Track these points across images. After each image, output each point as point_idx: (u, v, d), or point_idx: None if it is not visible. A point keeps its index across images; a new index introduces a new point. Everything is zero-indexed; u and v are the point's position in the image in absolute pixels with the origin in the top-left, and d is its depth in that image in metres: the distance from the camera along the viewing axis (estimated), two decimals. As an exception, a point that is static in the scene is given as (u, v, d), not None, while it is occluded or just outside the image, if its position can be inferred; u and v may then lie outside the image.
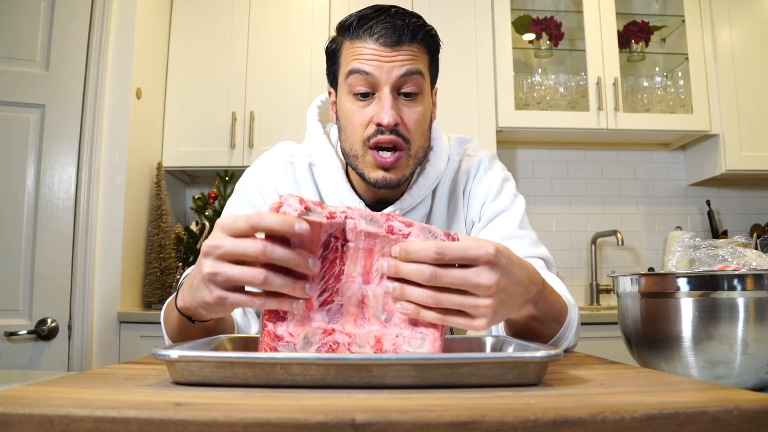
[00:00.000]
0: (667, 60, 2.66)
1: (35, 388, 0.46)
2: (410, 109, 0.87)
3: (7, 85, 1.93)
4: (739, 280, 0.65)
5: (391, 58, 0.84)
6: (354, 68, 0.85)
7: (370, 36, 0.85)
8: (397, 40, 0.84)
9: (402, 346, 0.57)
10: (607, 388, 0.48)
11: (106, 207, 2.03)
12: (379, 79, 0.85)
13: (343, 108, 0.90)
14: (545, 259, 0.96)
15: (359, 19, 0.86)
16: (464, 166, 1.03)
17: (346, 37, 0.88)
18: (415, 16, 0.88)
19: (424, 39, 0.88)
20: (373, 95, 0.87)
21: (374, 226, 0.56)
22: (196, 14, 2.42)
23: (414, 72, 0.86)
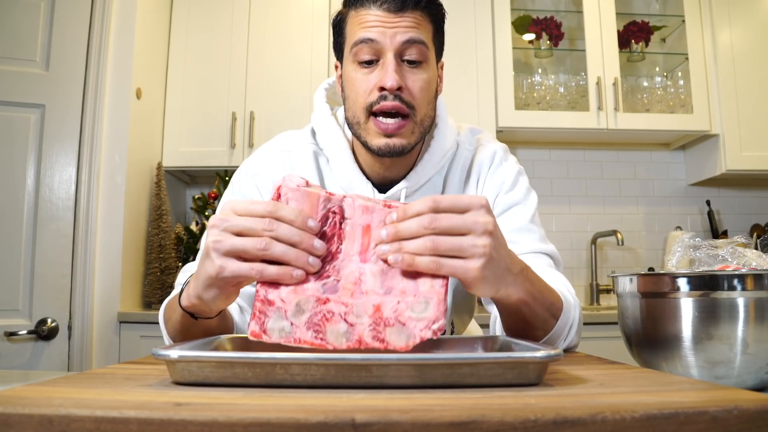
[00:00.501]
0: (667, 60, 2.66)
1: (35, 388, 0.46)
2: (414, 75, 0.87)
3: (7, 85, 1.93)
4: (739, 280, 0.65)
5: (394, 24, 0.85)
6: (359, 38, 0.86)
7: (374, 2, 0.85)
8: (401, 5, 0.84)
9: (404, 313, 0.54)
10: (607, 388, 0.48)
11: (106, 207, 2.03)
12: (383, 45, 0.85)
13: (348, 77, 0.90)
14: (552, 255, 0.96)
15: None
16: (479, 155, 1.02)
17: (351, 7, 0.89)
18: None
19: (427, 7, 0.87)
20: (377, 62, 0.87)
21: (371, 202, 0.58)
22: (196, 14, 2.42)
23: (417, 41, 0.86)
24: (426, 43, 0.87)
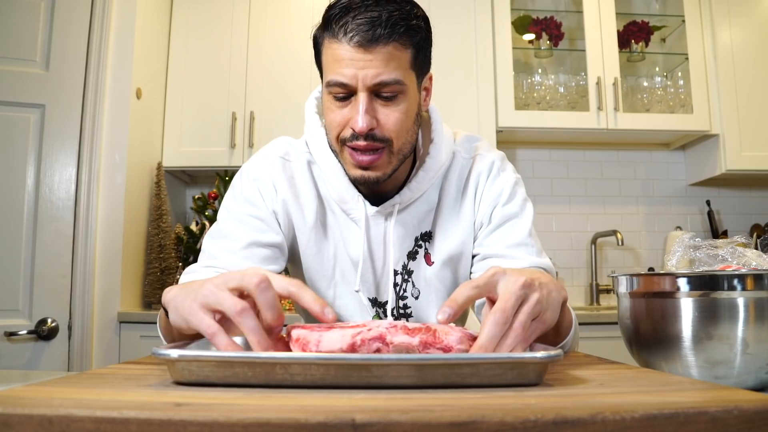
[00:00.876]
0: (667, 60, 2.66)
1: (35, 388, 0.46)
2: (388, 110, 0.84)
3: (7, 85, 1.93)
4: (739, 280, 0.65)
5: (366, 62, 0.81)
6: (331, 80, 0.84)
7: (345, 35, 0.81)
8: (371, 39, 0.80)
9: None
10: (607, 388, 0.48)
11: (106, 207, 2.03)
12: (354, 86, 0.82)
13: (325, 104, 0.89)
14: (547, 269, 0.96)
15: (339, 10, 0.82)
16: (476, 165, 1.00)
17: (325, 32, 0.85)
18: (400, 6, 0.82)
19: (405, 34, 0.82)
20: (351, 96, 0.84)
21: None
22: (196, 14, 2.42)
23: (389, 82, 0.82)
24: (400, 80, 0.83)
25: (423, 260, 0.98)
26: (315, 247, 0.98)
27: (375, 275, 0.99)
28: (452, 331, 0.56)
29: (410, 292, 0.99)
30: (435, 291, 0.99)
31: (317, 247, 0.98)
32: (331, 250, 0.99)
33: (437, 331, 0.55)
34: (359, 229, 0.96)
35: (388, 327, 0.55)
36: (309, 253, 0.99)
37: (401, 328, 0.55)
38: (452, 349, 0.54)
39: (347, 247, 0.98)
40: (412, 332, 0.54)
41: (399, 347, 0.54)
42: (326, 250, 0.99)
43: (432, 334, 0.54)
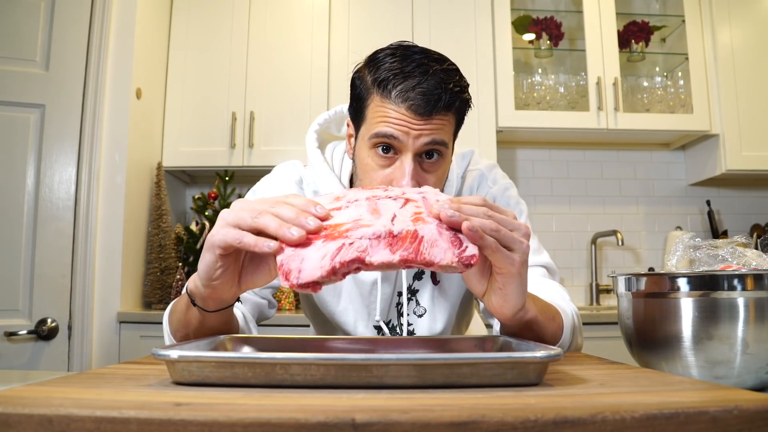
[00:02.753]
0: (667, 60, 2.66)
1: (35, 388, 0.46)
2: (430, 175, 0.86)
3: (7, 85, 1.93)
4: (739, 280, 0.65)
5: (419, 128, 0.82)
6: (381, 131, 0.83)
7: (403, 101, 0.81)
8: (432, 110, 0.81)
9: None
10: (607, 388, 0.48)
11: (106, 207, 2.03)
12: (404, 144, 0.83)
13: (363, 158, 0.88)
14: (547, 266, 0.97)
15: (394, 75, 0.82)
16: (467, 181, 1.04)
17: (376, 89, 0.84)
18: (453, 77, 0.83)
19: (458, 106, 0.85)
20: (395, 153, 0.85)
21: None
22: (197, 14, 2.42)
23: (439, 143, 0.84)
24: (447, 142, 0.85)
25: (429, 280, 1.01)
26: None
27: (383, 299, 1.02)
28: (439, 240, 0.56)
29: (413, 309, 1.01)
30: (442, 309, 1.02)
31: None
32: None
33: (421, 243, 0.55)
34: None
35: (371, 237, 0.55)
36: None
37: (385, 238, 0.55)
38: (433, 264, 0.55)
39: (355, 275, 1.00)
40: (393, 246, 0.55)
41: (380, 267, 0.55)
42: None
43: (414, 251, 0.55)
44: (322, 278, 0.54)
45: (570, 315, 0.84)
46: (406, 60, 0.82)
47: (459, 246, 0.57)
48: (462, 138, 1.12)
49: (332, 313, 1.03)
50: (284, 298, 2.27)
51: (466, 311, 1.12)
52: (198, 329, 0.73)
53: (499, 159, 2.49)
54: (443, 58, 0.85)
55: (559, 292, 0.92)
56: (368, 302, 1.01)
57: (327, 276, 0.53)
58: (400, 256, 0.54)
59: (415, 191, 0.64)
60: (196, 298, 0.69)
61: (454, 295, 1.02)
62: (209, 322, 0.72)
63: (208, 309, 0.69)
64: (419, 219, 0.58)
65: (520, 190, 1.10)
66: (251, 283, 0.65)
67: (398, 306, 1.01)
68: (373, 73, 0.84)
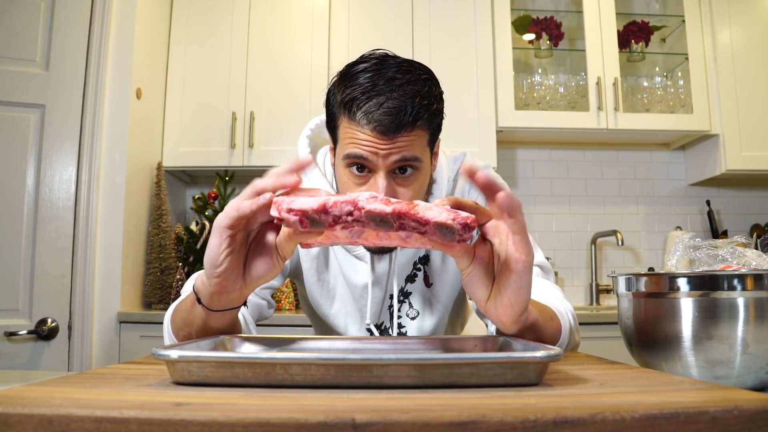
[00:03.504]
0: (667, 60, 2.66)
1: (35, 388, 0.46)
2: (405, 189, 0.86)
3: (7, 85, 1.93)
4: (739, 280, 0.65)
5: (387, 147, 0.81)
6: (350, 153, 0.83)
7: (368, 123, 0.80)
8: (396, 129, 0.80)
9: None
10: (607, 388, 0.48)
11: (106, 207, 2.03)
12: (374, 164, 0.83)
13: (340, 175, 0.89)
14: (541, 265, 0.98)
15: (361, 95, 0.81)
16: (459, 183, 1.04)
17: (343, 112, 0.84)
18: (420, 88, 0.82)
19: (426, 120, 0.83)
20: (369, 171, 0.85)
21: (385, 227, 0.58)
22: (196, 14, 2.42)
23: (410, 159, 0.83)
24: (419, 157, 0.84)
25: (422, 282, 1.02)
26: (316, 275, 1.03)
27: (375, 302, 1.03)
28: (435, 207, 0.56)
29: (405, 312, 1.02)
30: (434, 311, 1.03)
31: (318, 276, 1.03)
32: (332, 279, 1.04)
33: (417, 205, 0.56)
34: (364, 264, 1.00)
35: (368, 197, 0.56)
36: (311, 280, 1.04)
37: (380, 199, 0.56)
38: (429, 222, 0.55)
39: (347, 279, 1.02)
40: (388, 203, 0.55)
41: (371, 213, 0.55)
42: (327, 279, 1.04)
43: (408, 206, 0.55)
44: (313, 211, 0.54)
45: (566, 314, 0.84)
46: (377, 75, 0.81)
47: (454, 213, 0.57)
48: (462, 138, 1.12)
49: (326, 315, 1.05)
50: (284, 298, 2.27)
51: (460, 313, 1.13)
52: (201, 329, 0.72)
53: (499, 159, 2.49)
54: (415, 67, 0.84)
55: (554, 291, 0.92)
56: (360, 305, 1.02)
57: (318, 210, 0.54)
58: (394, 208, 0.55)
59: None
60: (202, 296, 0.68)
61: (447, 297, 1.02)
62: (213, 322, 0.71)
63: (213, 308, 0.69)
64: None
65: (520, 190, 1.10)
66: (255, 274, 0.65)
67: (390, 308, 1.02)
68: (341, 91, 0.84)
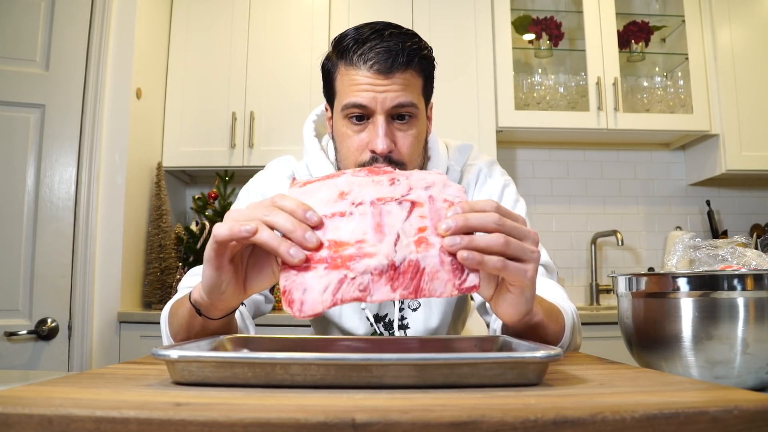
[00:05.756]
0: (667, 60, 2.66)
1: (35, 388, 0.46)
2: (404, 133, 0.89)
3: (7, 85, 1.93)
4: (739, 280, 0.65)
5: (384, 87, 0.86)
6: (349, 102, 0.87)
7: (364, 63, 0.86)
8: (390, 66, 0.85)
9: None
10: (607, 388, 0.48)
11: (106, 207, 2.03)
12: (373, 109, 0.87)
13: (339, 130, 0.92)
14: (545, 265, 0.98)
15: (354, 42, 0.87)
16: (465, 176, 1.04)
17: (341, 60, 0.89)
18: (411, 38, 0.88)
19: (419, 63, 0.89)
20: (367, 119, 0.89)
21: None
22: (196, 14, 2.42)
23: (407, 104, 0.87)
24: (415, 103, 0.89)
25: None
26: None
27: None
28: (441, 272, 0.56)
29: (407, 303, 1.03)
30: (437, 304, 1.03)
31: None
32: None
33: (422, 277, 0.55)
34: None
35: (373, 273, 0.55)
36: None
37: (386, 273, 0.55)
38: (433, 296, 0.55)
39: None
40: (394, 281, 0.55)
41: (378, 301, 0.55)
42: None
43: (414, 288, 0.55)
44: (323, 310, 0.55)
45: (570, 314, 0.84)
46: (366, 28, 0.88)
47: (460, 275, 0.56)
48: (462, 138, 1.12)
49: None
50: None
51: (463, 308, 1.13)
52: (200, 333, 0.74)
53: (499, 159, 2.48)
54: (402, 27, 0.90)
55: (558, 291, 0.92)
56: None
57: (328, 308, 0.55)
58: (400, 294, 0.55)
59: (423, 185, 0.60)
60: (201, 308, 0.69)
61: None
62: (212, 326, 0.73)
63: (214, 317, 0.70)
64: (422, 241, 0.57)
65: (520, 190, 1.10)
66: (256, 288, 0.65)
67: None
68: (336, 48, 0.90)
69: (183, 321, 0.75)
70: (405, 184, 0.60)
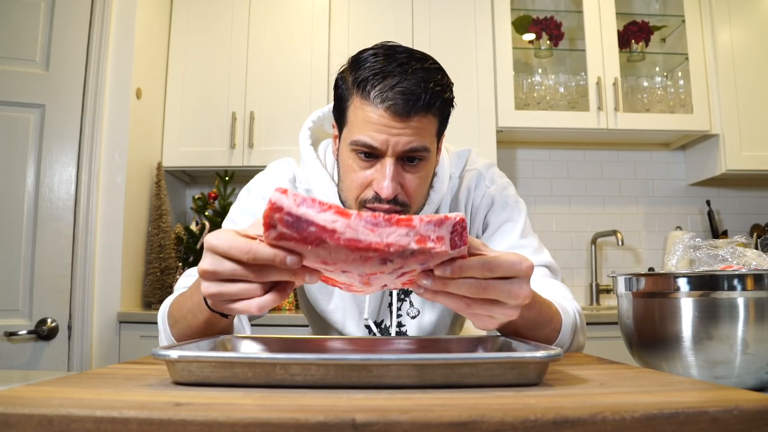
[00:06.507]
0: (667, 60, 2.66)
1: (35, 388, 0.46)
2: (412, 176, 0.85)
3: (7, 85, 1.93)
4: (739, 280, 0.65)
5: (399, 131, 0.80)
6: (359, 140, 0.82)
7: (381, 102, 0.80)
8: (409, 110, 0.79)
9: None
10: (607, 388, 0.48)
11: (106, 207, 2.03)
12: (383, 151, 0.82)
13: (345, 160, 0.87)
14: (549, 266, 0.97)
15: (373, 75, 0.80)
16: (465, 181, 1.03)
17: (356, 90, 0.83)
18: (434, 76, 0.82)
19: (440, 107, 0.84)
20: (376, 158, 0.84)
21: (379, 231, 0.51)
22: (196, 14, 2.42)
23: (419, 149, 0.83)
24: (428, 147, 0.84)
25: None
26: None
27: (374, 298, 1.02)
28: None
29: (405, 311, 1.02)
30: (435, 310, 1.02)
31: None
32: None
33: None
34: None
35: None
36: None
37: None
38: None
39: None
40: None
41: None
42: None
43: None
44: None
45: (572, 314, 0.84)
46: (388, 59, 0.81)
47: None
48: (462, 138, 1.12)
49: (323, 311, 1.04)
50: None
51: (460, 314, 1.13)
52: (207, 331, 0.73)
53: (499, 159, 2.49)
54: (426, 57, 0.85)
55: (562, 291, 0.92)
56: (359, 301, 1.02)
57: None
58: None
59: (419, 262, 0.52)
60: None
61: None
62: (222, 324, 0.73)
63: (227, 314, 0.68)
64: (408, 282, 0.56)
65: (520, 190, 1.10)
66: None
67: (390, 306, 1.02)
68: (354, 73, 0.83)
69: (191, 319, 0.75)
70: (398, 262, 0.53)
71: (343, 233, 0.49)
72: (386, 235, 0.50)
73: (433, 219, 0.51)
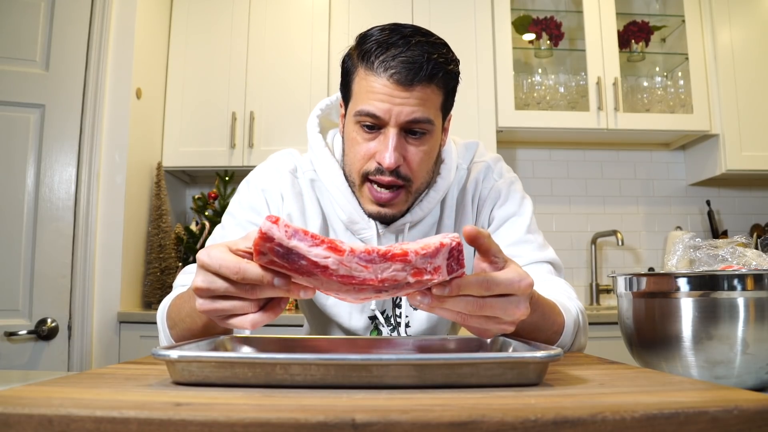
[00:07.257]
0: (667, 60, 2.66)
1: (35, 388, 0.46)
2: (415, 149, 0.85)
3: (7, 85, 1.93)
4: (739, 280, 0.65)
5: (402, 100, 0.81)
6: (363, 110, 0.83)
7: (385, 71, 0.81)
8: (412, 78, 0.80)
9: None
10: (607, 388, 0.48)
11: (106, 207, 2.03)
12: (386, 120, 0.83)
13: (349, 135, 0.88)
14: (553, 262, 0.97)
15: (377, 45, 0.82)
16: (472, 173, 1.02)
17: (361, 62, 0.84)
18: (438, 49, 0.83)
19: (442, 78, 0.84)
20: (379, 129, 0.85)
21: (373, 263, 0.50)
22: (196, 14, 2.42)
23: (422, 120, 0.83)
24: (431, 119, 0.84)
25: None
26: None
27: None
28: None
29: (406, 300, 1.01)
30: None
31: None
32: None
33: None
34: None
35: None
36: None
37: None
38: None
39: None
40: None
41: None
42: None
43: None
44: None
45: (574, 314, 0.83)
46: (393, 33, 0.83)
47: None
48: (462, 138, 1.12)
49: (323, 305, 1.02)
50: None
51: None
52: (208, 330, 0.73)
53: (499, 159, 2.49)
54: (431, 33, 0.86)
55: (566, 290, 0.91)
56: None
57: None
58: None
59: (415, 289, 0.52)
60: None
61: None
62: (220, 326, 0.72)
63: None
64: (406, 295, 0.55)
65: (520, 190, 1.09)
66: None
67: (394, 298, 1.01)
68: (358, 47, 0.85)
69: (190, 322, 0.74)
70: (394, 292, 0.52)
71: (336, 270, 0.49)
72: (381, 270, 0.50)
73: (428, 250, 0.50)
